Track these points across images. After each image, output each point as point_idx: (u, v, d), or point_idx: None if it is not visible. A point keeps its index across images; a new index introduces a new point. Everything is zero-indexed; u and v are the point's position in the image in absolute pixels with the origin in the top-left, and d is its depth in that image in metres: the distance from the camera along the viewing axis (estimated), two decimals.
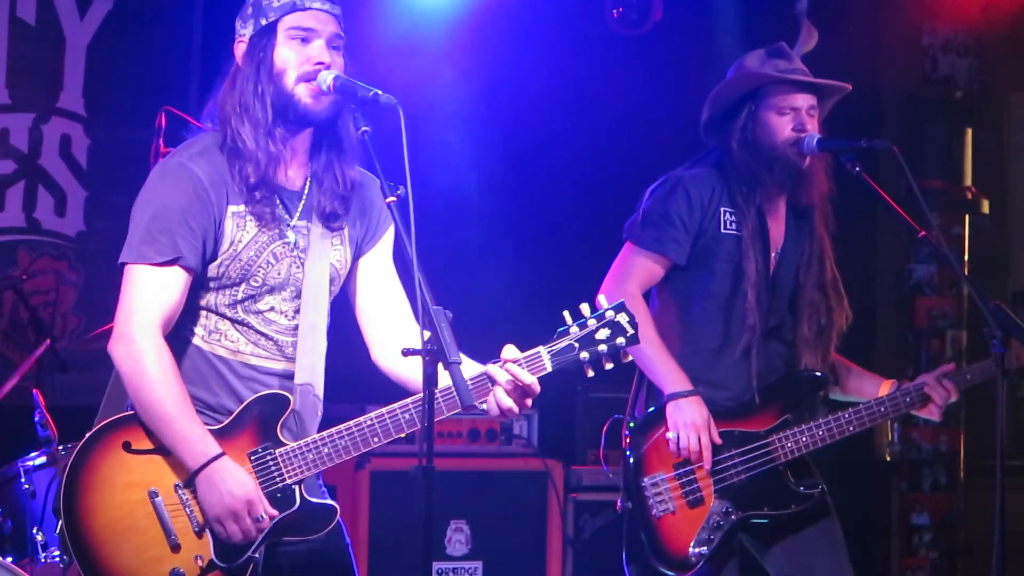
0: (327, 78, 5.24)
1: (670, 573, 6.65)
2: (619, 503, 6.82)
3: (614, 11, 9.49)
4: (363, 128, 5.13)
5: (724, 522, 6.66)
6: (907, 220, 6.86)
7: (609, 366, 5.20)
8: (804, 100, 6.76)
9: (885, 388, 6.89)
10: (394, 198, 5.00)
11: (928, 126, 9.77)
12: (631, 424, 6.82)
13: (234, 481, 5.15)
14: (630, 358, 5.28)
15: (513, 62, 9.42)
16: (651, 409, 6.76)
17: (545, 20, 9.54)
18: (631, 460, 6.75)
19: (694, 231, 6.68)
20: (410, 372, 5.38)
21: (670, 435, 6.61)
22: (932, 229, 6.83)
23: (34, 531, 7.23)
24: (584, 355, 5.16)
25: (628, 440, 6.80)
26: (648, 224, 6.72)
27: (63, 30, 9.07)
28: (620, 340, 5.18)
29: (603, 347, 5.17)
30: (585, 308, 5.18)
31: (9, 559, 6.98)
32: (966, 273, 8.84)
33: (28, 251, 8.96)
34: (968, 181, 9.77)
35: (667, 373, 6.64)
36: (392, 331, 5.52)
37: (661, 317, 6.82)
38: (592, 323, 5.18)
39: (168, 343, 5.28)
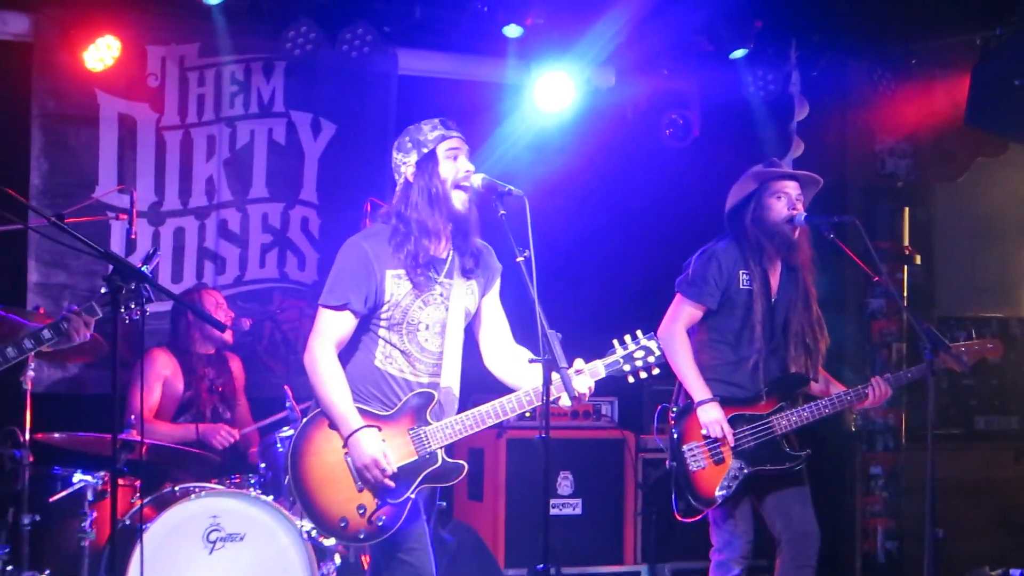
0: (476, 180, 5.45)
1: (702, 507, 6.81)
2: (667, 463, 6.95)
3: (666, 130, 9.48)
4: (501, 212, 5.42)
5: (739, 474, 6.77)
6: (865, 269, 6.98)
7: (643, 375, 5.55)
8: (792, 188, 6.91)
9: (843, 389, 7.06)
10: (522, 258, 5.16)
11: (879, 206, 9.75)
12: (674, 410, 6.96)
13: (366, 446, 5.37)
14: (657, 371, 5.56)
15: (602, 161, 9.47)
16: (688, 401, 6.87)
17: (622, 135, 9.59)
18: (675, 434, 6.91)
19: (722, 287, 6.87)
20: (510, 374, 5.74)
21: (703, 431, 6.78)
22: (882, 275, 6.92)
23: (286, 480, 7.28)
24: (626, 367, 5.53)
25: (673, 421, 6.93)
26: (692, 283, 6.91)
27: (302, 147, 9.14)
28: (651, 359, 5.53)
29: (639, 363, 5.53)
30: (628, 338, 5.53)
31: (270, 497, 7.07)
32: (905, 304, 8.79)
33: (280, 294, 9.04)
34: (906, 242, 9.74)
35: (696, 387, 6.82)
36: (501, 347, 5.79)
37: (699, 342, 6.95)
38: (632, 346, 5.53)
39: (361, 361, 5.58)
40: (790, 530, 6.87)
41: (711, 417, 6.74)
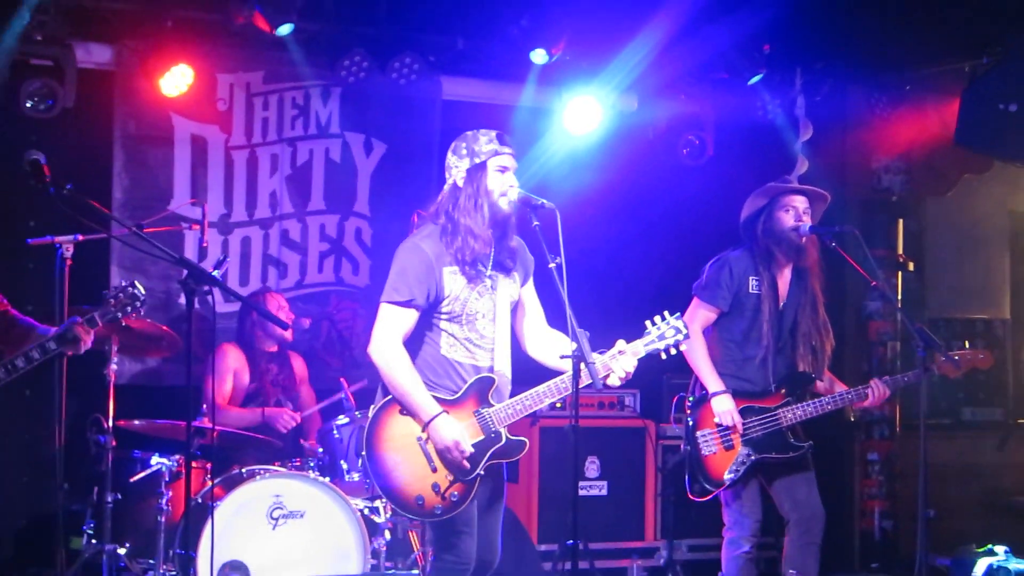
0: (514, 195, 5.41)
1: (712, 488, 6.84)
2: (682, 447, 7.00)
3: (684, 150, 9.46)
4: (535, 223, 5.42)
5: (747, 460, 6.79)
6: (864, 274, 6.96)
7: (673, 352, 5.54)
8: (800, 202, 6.91)
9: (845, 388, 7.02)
10: (553, 265, 5.18)
11: (876, 218, 9.73)
12: (690, 400, 6.97)
13: (446, 431, 5.34)
14: (684, 347, 5.56)
15: (626, 177, 9.45)
16: (703, 392, 6.87)
17: (644, 154, 9.55)
18: (690, 421, 6.92)
19: (733, 291, 6.87)
20: (545, 357, 5.71)
21: (715, 419, 6.79)
22: (879, 280, 6.93)
23: (341, 462, 7.32)
24: (660, 345, 5.49)
25: (688, 410, 6.94)
26: (706, 287, 6.93)
27: (356, 164, 9.11)
28: (679, 336, 5.51)
29: (670, 340, 5.51)
30: (657, 318, 5.52)
31: (327, 479, 7.07)
32: (899, 307, 8.75)
33: (336, 297, 9.02)
34: (900, 251, 9.72)
35: (711, 379, 6.82)
36: (538, 332, 5.76)
37: (712, 340, 6.95)
38: (663, 326, 5.52)
39: (428, 352, 5.54)
40: (797, 511, 6.87)
41: (723, 407, 6.76)
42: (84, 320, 5.61)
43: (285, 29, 8.06)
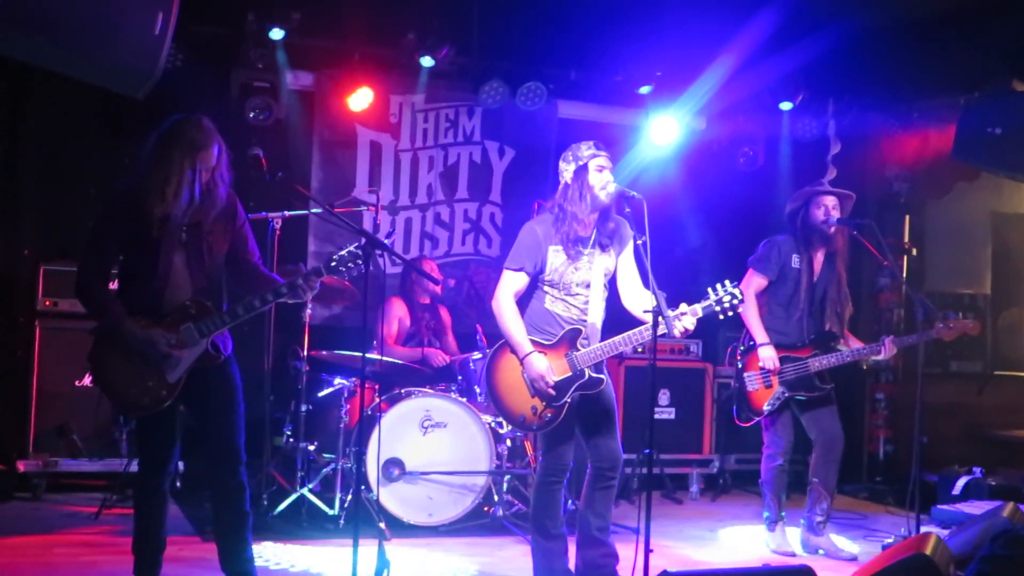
0: (611, 188, 5.34)
1: (754, 416, 6.70)
2: (732, 384, 6.91)
3: (740, 159, 9.33)
4: (627, 210, 5.31)
5: (781, 396, 6.66)
6: (877, 256, 6.76)
7: (730, 313, 5.26)
8: (830, 200, 6.75)
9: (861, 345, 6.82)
10: (640, 242, 5.07)
11: (888, 214, 9.55)
12: (741, 349, 6.82)
13: (535, 365, 5.26)
14: (740, 309, 5.28)
15: (695, 179, 9.36)
16: (751, 343, 6.73)
17: (710, 161, 9.45)
18: (740, 365, 6.79)
19: (779, 265, 6.71)
20: (634, 310, 5.48)
21: (759, 363, 6.65)
22: (889, 261, 6.76)
23: (475, 387, 7.28)
24: (717, 308, 5.23)
25: (739, 356, 6.80)
26: (759, 260, 6.78)
27: (492, 165, 9.09)
28: (735, 300, 5.22)
29: (726, 304, 5.24)
30: (717, 285, 5.26)
31: (464, 399, 7.06)
32: (904, 282, 8.56)
33: (475, 264, 9.03)
34: (906, 240, 9.52)
35: (759, 332, 6.67)
36: (632, 291, 5.53)
37: (763, 304, 6.82)
38: (721, 292, 5.25)
39: (536, 306, 5.44)
40: (822, 435, 6.73)
41: (768, 355, 6.63)
42: (312, 270, 5.26)
43: (427, 61, 8.17)
